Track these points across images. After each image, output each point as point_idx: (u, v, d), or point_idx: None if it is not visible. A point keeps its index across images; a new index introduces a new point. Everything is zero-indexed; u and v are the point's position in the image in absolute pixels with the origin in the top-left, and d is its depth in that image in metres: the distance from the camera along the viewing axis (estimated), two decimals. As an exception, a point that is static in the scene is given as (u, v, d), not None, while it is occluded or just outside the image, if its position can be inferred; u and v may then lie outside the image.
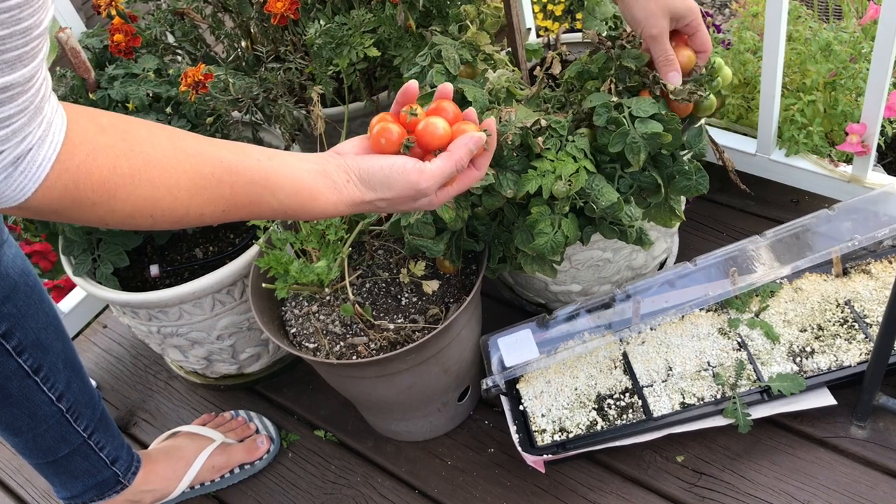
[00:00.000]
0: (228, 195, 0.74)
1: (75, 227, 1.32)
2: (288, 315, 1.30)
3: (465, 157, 0.82)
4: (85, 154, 0.64)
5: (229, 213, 0.75)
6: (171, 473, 1.38)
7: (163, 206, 0.70)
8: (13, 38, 0.56)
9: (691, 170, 1.12)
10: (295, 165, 0.78)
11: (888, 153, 1.64)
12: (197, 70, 1.28)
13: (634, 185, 1.12)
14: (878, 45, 1.26)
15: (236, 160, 0.74)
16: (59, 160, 0.62)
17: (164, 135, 0.71)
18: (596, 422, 1.26)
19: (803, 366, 1.25)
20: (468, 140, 0.82)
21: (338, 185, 0.79)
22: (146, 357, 1.72)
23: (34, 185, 0.61)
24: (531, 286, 1.44)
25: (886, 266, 1.34)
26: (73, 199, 0.65)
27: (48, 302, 1.16)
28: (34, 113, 0.60)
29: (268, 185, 0.76)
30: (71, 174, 0.63)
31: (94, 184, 0.65)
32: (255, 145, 0.79)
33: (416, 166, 0.80)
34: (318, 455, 1.46)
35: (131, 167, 0.67)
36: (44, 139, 0.61)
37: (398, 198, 0.81)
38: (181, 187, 0.70)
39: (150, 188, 0.68)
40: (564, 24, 2.34)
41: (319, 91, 1.29)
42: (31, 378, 1.13)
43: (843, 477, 1.21)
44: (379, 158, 0.81)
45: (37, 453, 1.22)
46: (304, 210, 0.79)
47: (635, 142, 1.07)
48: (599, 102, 1.09)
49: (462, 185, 0.85)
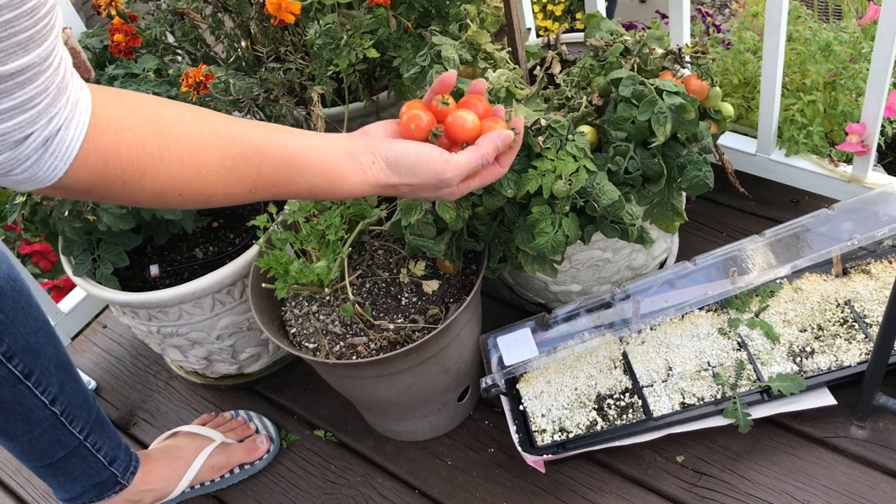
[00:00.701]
0: (255, 175, 0.75)
1: (75, 227, 1.32)
2: (288, 315, 1.30)
3: (491, 153, 0.83)
4: (113, 134, 0.65)
5: (256, 192, 0.76)
6: (170, 473, 1.38)
7: (192, 185, 0.71)
8: (20, 19, 0.56)
9: (700, 160, 1.13)
10: (322, 146, 0.79)
11: (888, 153, 1.64)
12: (198, 71, 1.28)
13: (641, 168, 1.13)
14: (878, 45, 1.26)
15: (264, 141, 0.75)
16: (88, 140, 0.63)
17: (191, 116, 0.72)
18: (596, 422, 1.26)
19: (803, 366, 1.25)
20: (496, 137, 0.83)
21: (363, 166, 0.80)
22: (146, 357, 1.72)
23: (65, 165, 0.62)
24: (531, 286, 1.44)
25: (886, 266, 1.34)
26: (104, 178, 0.65)
27: (36, 306, 1.15)
28: (57, 93, 0.61)
29: (295, 165, 0.77)
30: (100, 154, 0.64)
31: (123, 163, 0.66)
32: (282, 125, 0.79)
33: (443, 156, 0.81)
34: (318, 455, 1.46)
35: (160, 147, 0.68)
36: (70, 119, 0.62)
37: (421, 185, 0.82)
38: (210, 167, 0.71)
39: (179, 168, 0.69)
40: (564, 24, 2.34)
41: (320, 91, 1.29)
42: (22, 383, 1.12)
43: (843, 477, 1.21)
44: (406, 144, 0.81)
45: (33, 457, 1.22)
46: (331, 189, 0.80)
47: (662, 112, 1.08)
48: (625, 75, 1.11)
49: (484, 179, 0.86)
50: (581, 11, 2.20)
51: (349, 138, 0.82)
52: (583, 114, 1.19)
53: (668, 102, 1.09)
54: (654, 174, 1.14)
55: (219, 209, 1.54)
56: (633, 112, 1.10)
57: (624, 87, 1.11)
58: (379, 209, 1.23)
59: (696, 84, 1.17)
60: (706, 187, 1.14)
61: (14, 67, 0.57)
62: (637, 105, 1.10)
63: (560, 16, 2.35)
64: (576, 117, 1.18)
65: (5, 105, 0.58)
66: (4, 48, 0.56)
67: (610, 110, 1.15)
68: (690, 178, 1.13)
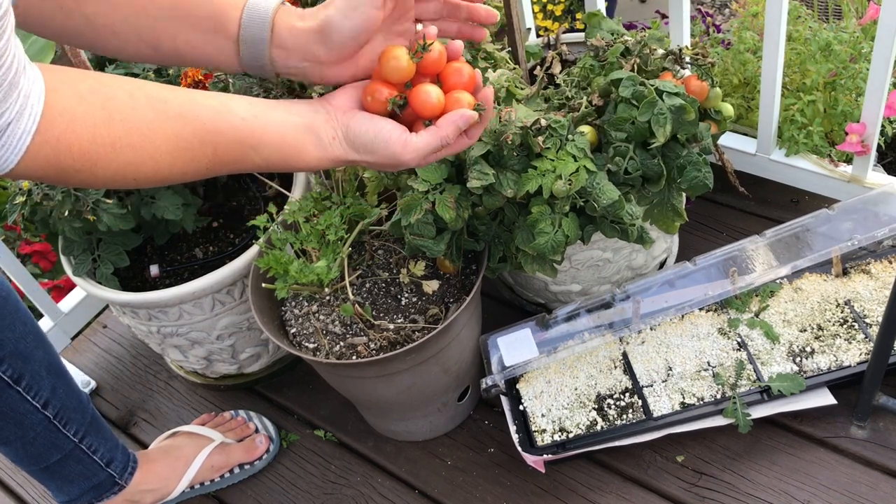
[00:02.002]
0: (211, 154, 0.74)
1: (75, 227, 1.32)
2: (288, 315, 1.30)
3: (451, 134, 0.79)
4: (64, 125, 0.65)
5: (213, 170, 0.76)
6: (170, 473, 1.38)
7: (145, 169, 0.71)
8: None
9: (700, 161, 1.13)
10: (280, 120, 0.77)
11: (888, 153, 1.64)
12: (197, 70, 1.28)
13: (641, 169, 1.12)
14: (878, 45, 1.26)
15: (219, 119, 0.74)
16: (39, 132, 0.63)
17: (145, 98, 0.71)
18: (596, 422, 1.26)
19: (803, 366, 1.25)
20: (458, 118, 0.79)
21: (323, 142, 0.79)
22: (146, 357, 1.72)
23: (16, 156, 0.63)
24: (531, 286, 1.44)
25: (886, 266, 1.34)
26: (56, 168, 0.66)
27: (24, 311, 1.15)
28: (8, 89, 0.61)
29: (251, 143, 0.76)
30: (51, 146, 0.64)
31: (74, 154, 0.66)
32: (241, 97, 0.77)
33: (402, 138, 0.78)
34: (318, 455, 1.46)
35: (111, 135, 0.68)
36: (22, 112, 0.62)
37: (380, 163, 0.80)
38: (162, 151, 0.71)
39: (130, 154, 0.69)
40: (564, 24, 2.34)
41: (319, 91, 1.29)
42: (12, 388, 1.12)
43: (843, 477, 1.21)
44: (367, 121, 0.79)
45: (28, 461, 1.22)
46: (288, 164, 0.79)
47: (662, 113, 1.08)
48: (625, 76, 1.11)
49: (451, 151, 0.83)
50: (581, 11, 2.20)
51: (312, 110, 0.80)
52: (583, 114, 1.19)
53: (668, 103, 1.09)
54: (653, 175, 1.14)
55: (219, 209, 1.54)
56: (633, 113, 1.10)
57: (624, 88, 1.11)
58: (379, 209, 1.23)
59: (695, 85, 1.17)
60: (706, 188, 1.14)
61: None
62: (637, 106, 1.10)
63: (560, 16, 2.35)
64: (576, 117, 1.18)
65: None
66: None
67: (610, 110, 1.15)
68: (690, 178, 1.13)
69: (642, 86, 1.10)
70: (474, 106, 0.80)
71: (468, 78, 0.82)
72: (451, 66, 0.81)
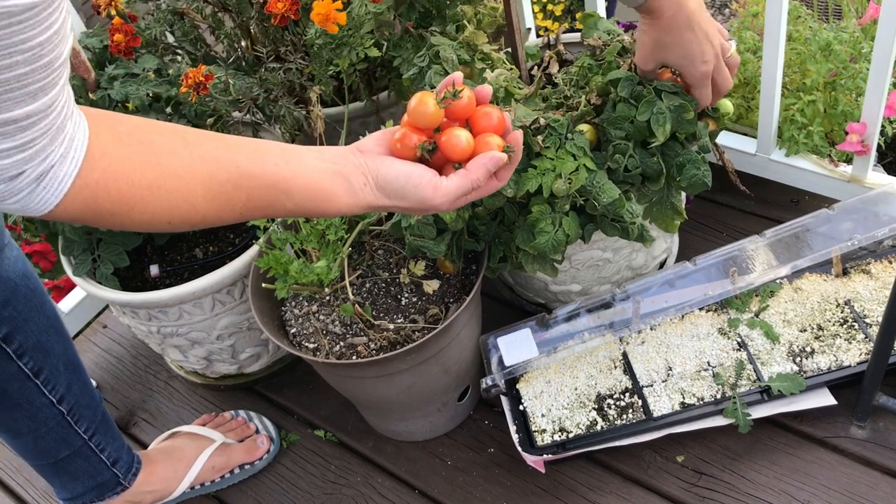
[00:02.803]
0: (245, 199, 0.75)
1: (75, 228, 1.32)
2: (288, 315, 1.30)
3: (482, 177, 0.80)
4: (103, 169, 0.66)
5: (246, 215, 0.77)
6: (171, 474, 1.38)
7: (180, 213, 0.72)
8: (35, 73, 0.58)
9: (699, 159, 1.13)
10: (312, 165, 0.78)
11: (888, 153, 1.64)
12: (197, 71, 1.28)
13: (640, 167, 1.13)
14: (878, 45, 1.26)
15: (253, 165, 0.75)
16: (80, 176, 0.65)
17: (181, 142, 0.72)
18: (596, 422, 1.26)
19: (803, 366, 1.25)
20: (487, 161, 0.80)
21: (354, 188, 0.79)
22: (146, 357, 1.72)
23: (56, 199, 0.64)
24: (531, 286, 1.44)
25: (886, 266, 1.34)
26: (94, 211, 0.67)
27: (49, 304, 1.16)
28: (56, 133, 0.62)
29: (283, 189, 0.76)
30: (90, 189, 0.66)
31: (112, 197, 0.67)
32: (273, 143, 0.79)
33: (432, 182, 0.79)
34: (318, 455, 1.46)
35: (148, 179, 0.69)
36: (65, 156, 0.64)
37: (411, 208, 0.81)
38: (198, 195, 0.72)
39: (166, 198, 0.70)
40: (564, 24, 2.34)
41: (319, 91, 1.29)
42: (31, 381, 1.13)
43: (843, 477, 1.21)
44: (396, 166, 0.80)
45: (37, 455, 1.22)
46: (319, 210, 0.80)
47: (661, 112, 1.08)
48: (623, 75, 1.11)
49: (481, 193, 0.84)
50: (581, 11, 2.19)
51: (343, 157, 0.81)
52: (581, 113, 1.19)
53: (668, 103, 1.09)
54: (653, 173, 1.14)
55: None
56: (631, 112, 1.10)
57: (622, 88, 1.11)
58: (379, 209, 1.23)
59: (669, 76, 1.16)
60: (704, 186, 1.14)
61: (20, 114, 0.59)
62: (636, 105, 1.10)
63: (560, 16, 2.35)
64: (574, 116, 1.18)
65: (6, 145, 0.60)
66: (15, 97, 0.58)
67: (608, 109, 1.15)
68: (689, 176, 1.13)
69: (640, 85, 1.10)
70: (503, 148, 0.81)
71: (497, 121, 0.82)
72: (480, 110, 0.82)
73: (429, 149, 0.80)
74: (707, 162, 1.14)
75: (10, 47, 0.55)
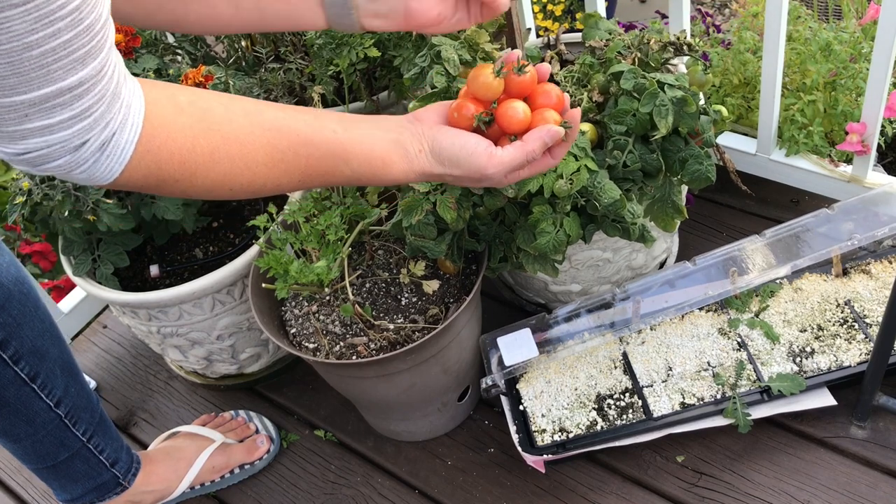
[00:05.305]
0: (304, 166, 0.76)
1: (75, 227, 1.32)
2: (288, 315, 1.30)
3: (538, 149, 0.81)
4: (165, 136, 0.67)
5: (305, 182, 0.78)
6: (171, 474, 1.38)
7: (241, 179, 0.73)
8: (79, 38, 0.59)
9: (702, 154, 1.13)
10: (369, 133, 0.79)
11: (888, 153, 1.64)
12: (197, 71, 1.28)
13: (639, 162, 1.13)
14: (878, 45, 1.27)
15: (312, 132, 0.76)
16: (141, 142, 0.65)
17: (241, 110, 0.74)
18: (596, 422, 1.26)
19: (803, 366, 1.25)
20: (544, 133, 0.80)
21: (409, 154, 0.81)
22: (146, 357, 1.72)
23: (120, 166, 0.65)
24: (531, 286, 1.44)
25: (886, 266, 1.34)
26: (157, 178, 0.68)
27: (43, 308, 1.15)
28: (112, 99, 0.63)
29: (342, 156, 0.78)
30: (153, 156, 0.67)
31: (175, 164, 0.68)
32: (331, 112, 0.80)
33: (487, 150, 0.80)
34: (318, 455, 1.46)
35: (210, 145, 0.70)
36: (125, 123, 0.64)
37: (464, 177, 0.82)
38: (259, 162, 0.73)
39: (228, 164, 0.71)
40: (564, 25, 2.34)
41: (320, 91, 1.29)
42: (28, 385, 1.12)
43: (843, 477, 1.21)
44: (453, 135, 0.81)
45: (36, 459, 1.22)
46: (376, 177, 0.81)
47: (664, 104, 1.08)
48: (626, 68, 1.11)
49: (534, 170, 0.84)
50: (581, 11, 2.20)
51: (400, 125, 0.82)
52: (583, 110, 1.19)
53: (670, 95, 1.09)
54: (652, 169, 1.14)
55: (219, 209, 1.54)
56: (634, 105, 1.10)
57: (625, 81, 1.11)
58: (379, 209, 1.23)
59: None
60: (708, 181, 1.14)
61: (73, 81, 0.59)
62: (638, 98, 1.10)
63: (560, 16, 2.35)
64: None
65: (66, 115, 0.60)
66: (64, 65, 0.58)
67: (611, 105, 1.15)
68: (692, 171, 1.13)
69: (643, 78, 1.10)
70: (561, 123, 0.81)
71: (556, 99, 0.83)
72: (540, 87, 0.83)
73: (486, 120, 0.80)
74: (710, 156, 1.14)
75: (50, 14, 0.56)
